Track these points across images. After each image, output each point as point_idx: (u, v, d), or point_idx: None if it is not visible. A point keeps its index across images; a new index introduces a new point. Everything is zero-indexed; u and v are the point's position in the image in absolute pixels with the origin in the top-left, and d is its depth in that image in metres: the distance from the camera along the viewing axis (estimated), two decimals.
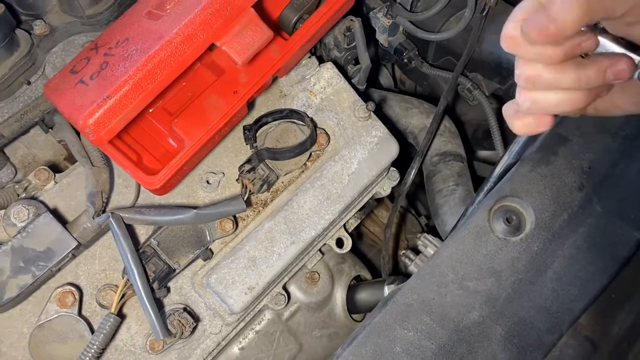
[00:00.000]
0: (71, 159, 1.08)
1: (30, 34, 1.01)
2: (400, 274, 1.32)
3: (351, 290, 1.22)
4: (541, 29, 0.48)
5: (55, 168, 1.00)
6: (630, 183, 0.89)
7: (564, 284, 0.84)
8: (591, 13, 0.47)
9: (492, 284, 0.84)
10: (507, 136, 1.11)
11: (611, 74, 0.51)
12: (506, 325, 0.82)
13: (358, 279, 1.28)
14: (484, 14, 1.06)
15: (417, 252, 1.31)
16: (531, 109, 0.54)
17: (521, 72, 0.53)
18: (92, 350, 0.79)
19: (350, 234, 1.14)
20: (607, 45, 0.51)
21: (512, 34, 0.51)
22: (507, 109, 0.58)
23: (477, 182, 1.18)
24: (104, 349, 0.81)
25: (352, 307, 1.22)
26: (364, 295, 1.23)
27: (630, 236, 0.87)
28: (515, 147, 0.94)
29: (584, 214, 0.87)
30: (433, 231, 1.21)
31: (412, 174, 1.12)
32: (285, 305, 1.03)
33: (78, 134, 0.91)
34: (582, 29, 0.50)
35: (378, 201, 1.35)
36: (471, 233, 0.85)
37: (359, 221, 1.22)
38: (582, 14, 0.46)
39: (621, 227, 0.87)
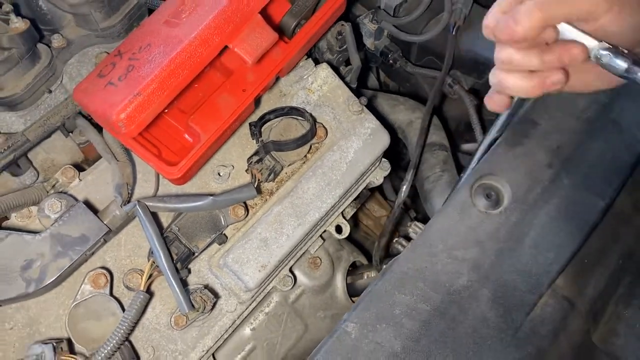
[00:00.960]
0: (88, 162, 1.17)
1: (49, 46, 1.11)
2: None
3: (349, 274, 1.32)
4: (509, 34, 0.59)
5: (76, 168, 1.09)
6: (594, 159, 1.00)
7: (540, 250, 0.95)
8: (549, 21, 0.58)
9: (477, 252, 0.94)
10: (486, 125, 1.23)
11: (567, 58, 0.62)
12: (492, 288, 0.92)
13: (354, 265, 1.38)
14: (453, 32, 1.18)
15: (408, 239, 1.41)
16: (497, 85, 0.66)
17: (497, 55, 0.64)
18: (126, 324, 0.87)
19: (347, 222, 1.24)
20: (567, 31, 0.63)
21: (489, 24, 0.62)
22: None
23: (460, 171, 1.30)
24: (135, 324, 0.90)
25: (352, 289, 1.32)
26: (363, 278, 1.33)
27: (597, 205, 0.98)
28: (492, 133, 1.05)
29: (555, 187, 0.98)
30: (421, 221, 1.32)
31: (405, 186, 1.19)
32: (292, 287, 1.12)
33: (100, 133, 1.01)
34: None
35: (371, 191, 1.45)
36: (456, 208, 0.96)
37: (355, 210, 1.32)
38: (541, 23, 0.57)
39: (588, 197, 0.99)
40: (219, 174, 1.05)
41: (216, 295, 0.99)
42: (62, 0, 1.08)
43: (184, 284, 0.96)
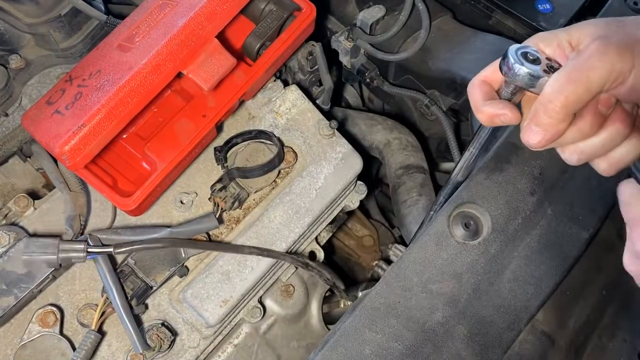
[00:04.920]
0: (49, 187, 1.12)
1: (6, 68, 1.06)
2: None
3: (326, 301, 1.27)
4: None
5: (34, 195, 1.04)
6: (578, 187, 0.95)
7: (520, 283, 0.90)
8: (574, 108, 0.51)
9: (453, 285, 0.89)
10: (464, 146, 1.18)
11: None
12: (468, 325, 0.87)
13: (333, 290, 1.32)
14: None
15: (389, 262, 1.36)
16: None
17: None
18: None
19: (324, 248, 1.19)
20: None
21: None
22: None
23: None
24: None
25: (328, 317, 1.26)
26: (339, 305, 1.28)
27: (580, 236, 0.93)
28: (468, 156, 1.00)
29: (537, 217, 0.93)
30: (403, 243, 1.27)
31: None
32: (262, 319, 1.07)
33: (55, 161, 0.96)
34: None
35: (349, 214, 1.40)
36: (432, 238, 0.91)
37: (331, 234, 1.27)
38: (565, 117, 0.51)
39: (571, 228, 0.94)
40: (181, 201, 1.00)
41: (174, 333, 0.94)
42: (19, 20, 1.04)
43: (140, 320, 0.91)
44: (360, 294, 1.23)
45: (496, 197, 0.94)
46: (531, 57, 0.54)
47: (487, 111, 0.57)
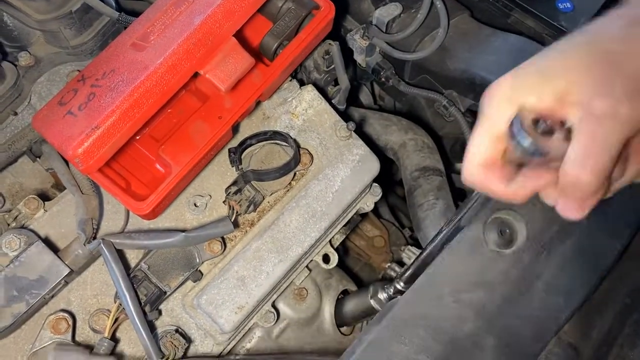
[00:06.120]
0: (59, 187, 1.10)
1: (15, 65, 1.03)
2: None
3: (338, 304, 1.25)
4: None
5: (43, 196, 1.02)
6: (612, 197, 0.92)
7: (551, 294, 0.86)
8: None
9: (484, 295, 0.85)
10: None
11: None
12: (497, 336, 0.84)
13: (345, 292, 1.30)
14: None
15: (401, 264, 1.33)
16: None
17: None
18: None
19: (336, 249, 1.16)
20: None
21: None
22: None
23: (456, 194, 1.22)
24: None
25: (340, 320, 1.24)
26: (350, 307, 1.25)
27: (613, 247, 0.90)
28: None
29: (572, 227, 0.89)
30: (417, 243, 1.24)
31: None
32: (275, 323, 1.05)
33: (66, 162, 0.93)
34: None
35: (362, 216, 1.38)
36: (466, 246, 0.87)
37: (344, 236, 1.25)
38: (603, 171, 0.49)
39: (604, 238, 0.91)
40: (195, 204, 0.97)
41: (188, 340, 0.92)
42: (29, 16, 1.02)
43: (153, 327, 0.89)
44: (371, 288, 1.20)
45: (534, 204, 0.90)
46: (540, 129, 0.51)
47: (523, 192, 0.56)
